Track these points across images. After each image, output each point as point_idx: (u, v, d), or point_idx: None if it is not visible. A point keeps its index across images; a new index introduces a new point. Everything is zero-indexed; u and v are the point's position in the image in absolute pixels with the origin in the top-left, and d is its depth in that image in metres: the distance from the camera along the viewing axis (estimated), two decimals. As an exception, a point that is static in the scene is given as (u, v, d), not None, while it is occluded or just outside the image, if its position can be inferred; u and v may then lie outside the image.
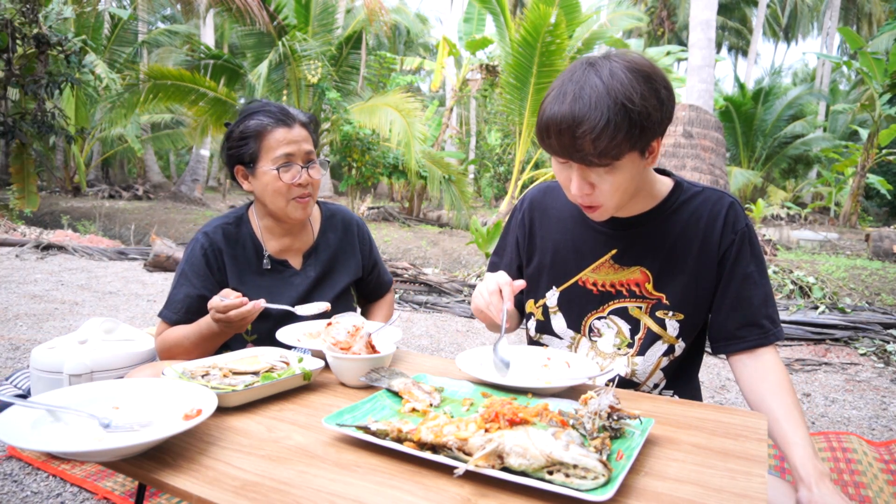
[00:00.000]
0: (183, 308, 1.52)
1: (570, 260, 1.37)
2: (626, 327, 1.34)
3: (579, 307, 1.37)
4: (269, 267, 1.60)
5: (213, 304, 1.33)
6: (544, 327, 1.44)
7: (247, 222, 1.62)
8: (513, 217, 1.52)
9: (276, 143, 1.50)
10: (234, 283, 1.56)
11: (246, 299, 1.33)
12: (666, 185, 1.32)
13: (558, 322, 1.41)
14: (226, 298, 1.32)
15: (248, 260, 1.59)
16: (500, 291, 1.23)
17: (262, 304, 1.36)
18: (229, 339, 1.48)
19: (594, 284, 1.34)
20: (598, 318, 1.36)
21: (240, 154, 1.53)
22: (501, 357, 1.15)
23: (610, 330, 1.35)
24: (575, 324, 1.38)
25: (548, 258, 1.41)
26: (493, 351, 1.17)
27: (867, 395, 3.33)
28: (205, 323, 1.40)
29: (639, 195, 1.28)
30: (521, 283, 1.27)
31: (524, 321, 1.53)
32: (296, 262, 1.64)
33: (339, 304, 1.64)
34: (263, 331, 1.56)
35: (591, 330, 1.37)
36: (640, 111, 1.06)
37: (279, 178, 1.50)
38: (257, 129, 1.51)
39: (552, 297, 1.40)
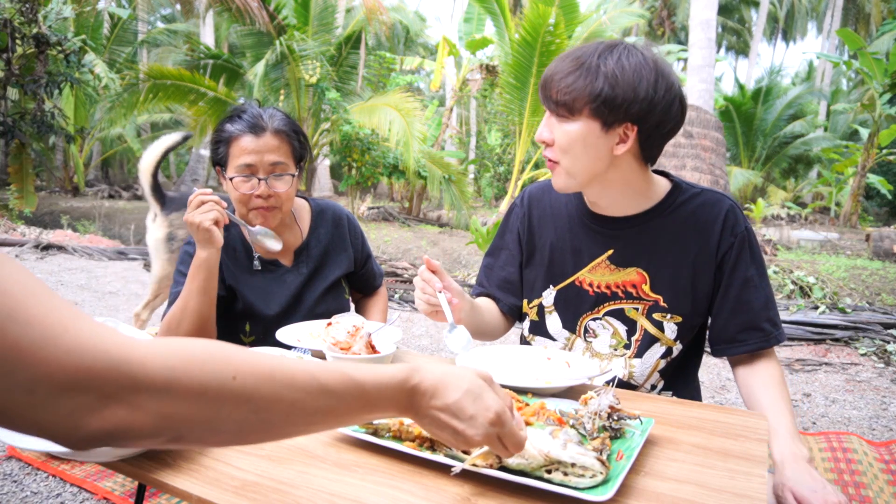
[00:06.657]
0: None
1: (568, 259, 1.36)
2: (622, 329, 1.33)
3: (575, 307, 1.36)
4: (260, 268, 1.61)
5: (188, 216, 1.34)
6: (538, 328, 1.43)
7: (235, 224, 1.63)
8: (511, 214, 1.49)
9: (240, 151, 1.48)
10: (231, 281, 1.57)
11: (208, 190, 1.37)
12: (663, 186, 1.31)
13: (553, 322, 1.40)
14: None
15: (239, 259, 1.60)
16: (429, 283, 1.22)
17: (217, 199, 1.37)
18: (224, 340, 1.47)
19: (590, 285, 1.34)
20: (594, 319, 1.35)
21: (216, 156, 1.55)
22: (456, 340, 1.19)
23: (605, 331, 1.35)
24: (570, 324, 1.38)
25: (546, 257, 1.40)
26: (450, 332, 1.20)
27: (867, 396, 3.33)
28: (190, 268, 1.39)
29: (633, 194, 1.27)
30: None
31: (520, 322, 1.53)
32: (286, 260, 1.64)
33: (331, 297, 1.65)
34: (260, 331, 1.58)
35: (586, 331, 1.37)
36: (617, 84, 1.10)
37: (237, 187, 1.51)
38: (229, 134, 1.50)
39: (549, 296, 1.39)
